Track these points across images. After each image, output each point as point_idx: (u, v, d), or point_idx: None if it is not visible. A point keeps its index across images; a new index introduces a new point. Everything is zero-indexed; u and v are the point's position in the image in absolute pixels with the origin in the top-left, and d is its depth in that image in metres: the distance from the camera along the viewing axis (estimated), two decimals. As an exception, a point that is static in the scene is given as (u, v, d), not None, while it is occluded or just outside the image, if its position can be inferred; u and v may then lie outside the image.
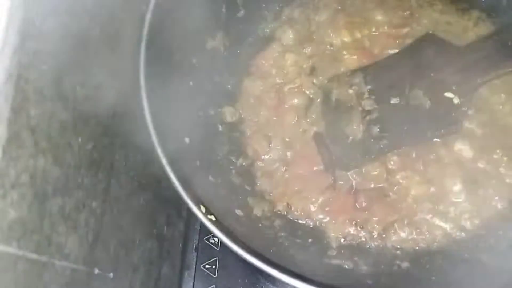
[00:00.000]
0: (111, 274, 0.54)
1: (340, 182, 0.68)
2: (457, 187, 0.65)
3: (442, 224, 0.65)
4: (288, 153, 0.72)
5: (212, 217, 0.53)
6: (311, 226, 0.68)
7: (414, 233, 0.65)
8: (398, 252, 0.65)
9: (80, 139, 0.46)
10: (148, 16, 0.58)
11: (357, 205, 0.67)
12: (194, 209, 0.52)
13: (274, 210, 0.69)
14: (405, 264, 0.63)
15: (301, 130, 0.72)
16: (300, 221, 0.68)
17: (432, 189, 0.66)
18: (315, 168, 0.70)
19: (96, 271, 0.50)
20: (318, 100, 0.73)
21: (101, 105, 0.51)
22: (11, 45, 0.34)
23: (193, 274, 0.77)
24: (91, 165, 0.48)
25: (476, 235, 0.64)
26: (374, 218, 0.66)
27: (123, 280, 0.57)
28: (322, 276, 0.61)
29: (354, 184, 0.68)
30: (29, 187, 0.37)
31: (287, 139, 0.72)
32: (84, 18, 0.46)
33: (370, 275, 0.62)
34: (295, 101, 0.74)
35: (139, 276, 0.63)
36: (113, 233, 0.55)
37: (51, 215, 0.41)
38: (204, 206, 0.53)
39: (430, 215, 0.65)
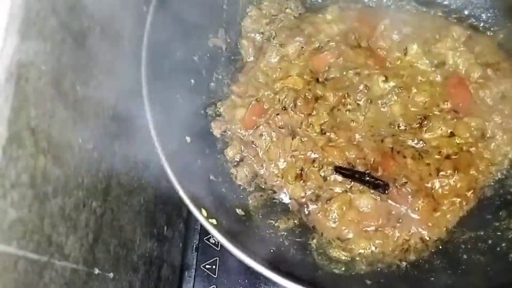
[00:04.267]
0: (111, 274, 0.54)
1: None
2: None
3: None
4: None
5: (214, 221, 0.53)
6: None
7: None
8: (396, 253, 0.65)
9: (80, 139, 0.46)
10: (150, 14, 0.58)
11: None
12: (196, 213, 0.52)
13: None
14: (404, 264, 0.63)
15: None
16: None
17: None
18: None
19: (96, 271, 0.50)
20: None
21: (101, 105, 0.51)
22: (11, 45, 0.34)
23: (193, 274, 0.77)
24: (91, 165, 0.48)
25: (476, 236, 0.64)
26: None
27: (123, 280, 0.57)
28: (322, 276, 0.61)
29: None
30: (29, 187, 0.37)
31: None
32: (84, 18, 0.46)
33: (369, 275, 0.62)
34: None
35: (139, 276, 0.63)
36: (113, 233, 0.55)
37: (51, 215, 0.40)
38: (205, 209, 0.53)
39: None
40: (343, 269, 0.63)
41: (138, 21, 0.60)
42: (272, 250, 0.61)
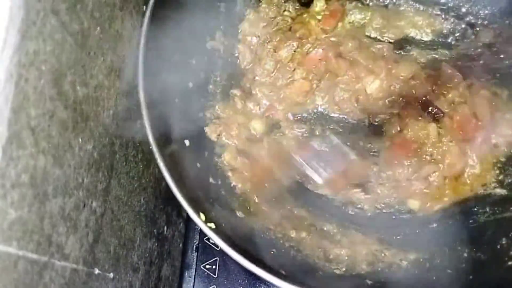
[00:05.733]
0: (111, 274, 0.54)
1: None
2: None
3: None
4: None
5: (212, 225, 0.53)
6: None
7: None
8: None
9: (80, 139, 0.46)
10: (147, 16, 0.58)
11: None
12: (194, 217, 0.52)
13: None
14: (404, 263, 0.63)
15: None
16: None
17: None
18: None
19: (96, 271, 0.50)
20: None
21: (101, 105, 0.51)
22: (11, 45, 0.34)
23: (193, 274, 0.77)
24: (91, 165, 0.48)
25: (477, 233, 0.64)
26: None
27: (123, 280, 0.57)
28: (323, 276, 0.61)
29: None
30: (29, 187, 0.37)
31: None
32: (84, 18, 0.46)
33: (370, 275, 0.62)
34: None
35: (139, 276, 0.63)
36: (113, 233, 0.55)
37: (51, 215, 0.40)
38: (204, 213, 0.53)
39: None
40: (344, 269, 0.63)
41: (138, 21, 0.60)
42: (272, 252, 0.61)
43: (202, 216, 0.53)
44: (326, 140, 0.70)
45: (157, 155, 0.53)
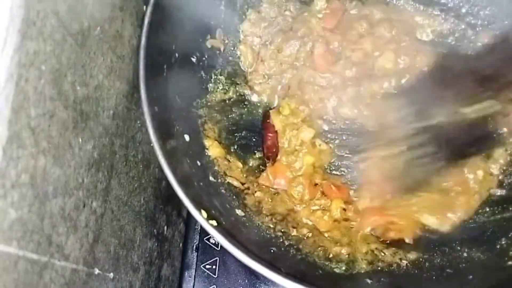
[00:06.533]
0: (111, 274, 0.54)
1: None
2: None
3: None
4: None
5: (214, 222, 0.53)
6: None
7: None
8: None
9: (80, 139, 0.46)
10: (148, 16, 0.58)
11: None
12: (196, 214, 0.52)
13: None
14: (404, 263, 0.63)
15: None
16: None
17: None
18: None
19: (96, 271, 0.50)
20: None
21: (101, 105, 0.51)
22: (12, 45, 0.34)
23: (193, 274, 0.77)
24: (91, 165, 0.48)
25: (476, 233, 0.64)
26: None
27: (123, 280, 0.57)
28: (322, 275, 0.61)
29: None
30: (29, 187, 0.37)
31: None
32: (84, 18, 0.46)
33: (370, 274, 0.62)
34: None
35: (139, 276, 0.63)
36: (113, 233, 0.55)
37: (51, 215, 0.40)
38: (205, 210, 0.53)
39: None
40: (344, 268, 0.63)
41: (138, 21, 0.60)
42: (272, 251, 0.61)
43: (204, 213, 0.53)
44: None
45: (158, 152, 0.53)
